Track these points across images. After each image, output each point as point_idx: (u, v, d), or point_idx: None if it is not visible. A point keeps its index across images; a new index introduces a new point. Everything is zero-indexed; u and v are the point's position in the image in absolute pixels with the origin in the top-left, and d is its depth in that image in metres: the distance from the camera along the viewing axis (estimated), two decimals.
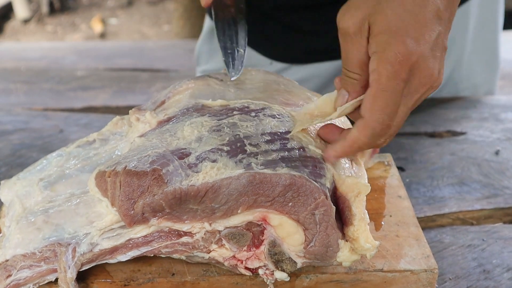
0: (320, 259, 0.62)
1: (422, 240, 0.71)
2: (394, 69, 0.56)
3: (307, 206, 0.60)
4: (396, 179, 0.83)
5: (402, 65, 0.56)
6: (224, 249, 0.64)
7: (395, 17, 0.57)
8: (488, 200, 0.89)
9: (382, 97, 0.57)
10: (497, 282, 0.73)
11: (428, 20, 0.58)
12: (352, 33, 0.59)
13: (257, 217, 0.62)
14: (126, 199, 0.60)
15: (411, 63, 0.56)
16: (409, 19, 0.57)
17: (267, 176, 0.59)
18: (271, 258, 0.63)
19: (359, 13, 0.58)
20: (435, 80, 0.58)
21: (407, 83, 0.57)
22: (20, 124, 1.16)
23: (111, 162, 0.64)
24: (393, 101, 0.57)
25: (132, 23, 4.33)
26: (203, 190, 0.59)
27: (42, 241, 0.64)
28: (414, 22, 0.57)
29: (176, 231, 0.63)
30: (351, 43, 0.59)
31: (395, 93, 0.57)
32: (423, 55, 0.56)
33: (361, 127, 0.59)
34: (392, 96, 0.57)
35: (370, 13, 0.58)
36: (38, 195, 0.68)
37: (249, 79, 0.79)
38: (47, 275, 0.64)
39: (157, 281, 0.66)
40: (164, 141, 0.64)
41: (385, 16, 0.57)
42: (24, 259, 0.64)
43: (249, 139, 0.63)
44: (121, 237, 0.64)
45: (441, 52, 0.59)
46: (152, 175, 0.59)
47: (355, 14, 0.59)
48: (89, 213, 0.65)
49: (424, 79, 0.58)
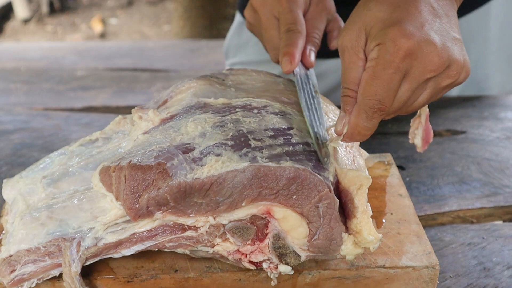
0: (324, 252, 0.62)
1: (423, 237, 0.71)
2: (390, 57, 0.56)
3: (311, 199, 0.61)
4: (396, 178, 0.84)
5: (398, 52, 0.56)
6: (228, 243, 0.64)
7: (387, 15, 0.58)
8: (488, 199, 0.89)
9: (374, 84, 0.57)
10: (497, 280, 0.73)
11: (421, 11, 0.58)
12: (350, 46, 0.60)
13: (261, 210, 0.62)
14: (131, 193, 0.61)
15: (409, 48, 0.56)
16: (402, 12, 0.58)
17: (272, 169, 0.60)
18: (275, 252, 0.63)
19: (355, 26, 0.60)
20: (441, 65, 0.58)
21: (408, 72, 0.57)
22: (20, 123, 1.17)
23: (115, 158, 0.64)
24: (385, 88, 0.57)
25: (132, 23, 4.33)
26: (208, 183, 0.60)
27: (46, 236, 0.64)
28: (408, 14, 0.58)
29: (180, 225, 0.64)
30: (349, 56, 0.60)
31: (388, 82, 0.57)
32: (424, 39, 0.56)
33: (356, 112, 0.60)
34: (385, 84, 0.57)
35: (364, 23, 0.59)
36: (42, 192, 0.69)
37: (249, 80, 0.80)
38: (51, 269, 0.64)
39: (161, 278, 0.66)
40: (168, 136, 0.65)
41: (377, 18, 0.58)
42: (28, 254, 0.64)
43: (252, 134, 0.64)
44: (125, 231, 0.64)
45: (452, 41, 0.59)
46: (157, 168, 0.60)
47: (351, 28, 0.60)
48: (93, 209, 0.65)
49: (430, 65, 0.57)
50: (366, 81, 0.58)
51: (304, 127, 0.67)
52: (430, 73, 0.58)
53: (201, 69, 1.69)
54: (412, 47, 0.56)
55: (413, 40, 0.56)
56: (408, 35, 0.56)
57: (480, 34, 1.13)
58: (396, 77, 0.57)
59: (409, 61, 0.57)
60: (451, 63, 0.59)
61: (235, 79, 0.80)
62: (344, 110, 0.61)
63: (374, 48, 0.58)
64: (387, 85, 0.57)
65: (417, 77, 0.58)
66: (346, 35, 0.60)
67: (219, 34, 3.07)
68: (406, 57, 0.56)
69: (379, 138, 1.06)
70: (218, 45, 1.90)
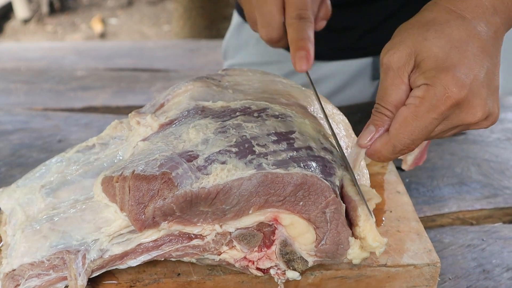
0: (331, 257, 0.62)
1: (423, 235, 0.71)
2: (437, 103, 0.56)
3: (318, 205, 0.60)
4: (394, 175, 0.84)
5: (447, 100, 0.55)
6: (235, 251, 0.64)
7: (443, 54, 0.57)
8: (488, 200, 0.89)
9: (413, 124, 0.57)
10: (497, 282, 0.73)
11: (476, 55, 0.57)
12: (396, 68, 0.59)
13: (268, 218, 0.62)
14: (136, 204, 0.60)
15: (459, 99, 0.56)
16: (458, 56, 0.57)
17: (279, 176, 0.60)
18: (283, 258, 0.63)
19: (405, 48, 0.59)
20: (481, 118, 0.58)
21: (447, 118, 0.57)
22: (20, 124, 1.16)
23: (117, 167, 0.64)
24: (422, 130, 0.57)
25: (132, 23, 4.33)
26: (214, 192, 0.59)
27: (49, 249, 0.63)
28: (463, 57, 0.57)
29: (186, 234, 0.63)
30: (393, 78, 0.59)
31: (427, 125, 0.57)
32: (472, 91, 0.56)
33: (384, 141, 0.59)
34: (424, 126, 0.57)
35: (417, 50, 0.58)
36: (41, 202, 0.68)
37: (246, 80, 0.79)
38: (57, 283, 0.63)
39: (163, 282, 0.66)
40: (169, 144, 0.64)
41: (432, 53, 0.57)
42: (32, 267, 0.62)
43: (256, 139, 0.63)
44: (131, 242, 0.63)
45: (495, 93, 0.59)
46: (162, 178, 0.59)
47: (401, 49, 0.59)
48: (96, 219, 0.64)
49: (467, 116, 0.57)
50: (406, 118, 0.57)
51: (305, 130, 0.67)
52: (468, 123, 0.58)
53: (201, 69, 1.69)
54: (461, 99, 0.56)
55: (464, 92, 0.56)
56: (460, 86, 0.56)
57: None
58: (437, 122, 0.57)
59: (453, 109, 0.57)
60: (489, 116, 0.59)
61: (232, 80, 0.79)
62: (374, 124, 0.60)
63: (422, 86, 0.57)
64: (425, 128, 0.57)
65: (454, 123, 0.58)
66: (395, 55, 0.59)
67: (219, 34, 3.07)
68: (453, 106, 0.56)
69: None
70: (218, 45, 1.90)
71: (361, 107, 1.17)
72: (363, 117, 1.12)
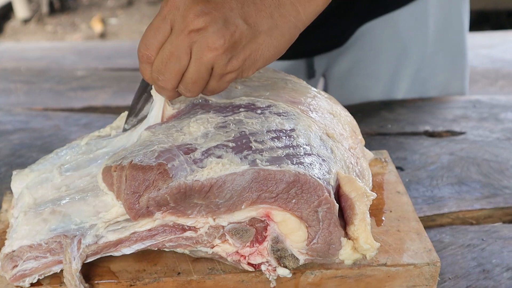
0: (323, 256, 0.62)
1: (423, 234, 0.71)
2: None
3: (310, 203, 0.61)
4: (394, 175, 0.84)
5: None
6: (227, 245, 0.64)
7: None
8: (488, 200, 0.89)
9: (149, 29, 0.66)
10: (497, 281, 0.73)
11: None
12: None
13: (260, 213, 0.62)
14: (131, 193, 0.61)
15: None
16: None
17: (271, 173, 0.60)
18: (274, 254, 0.63)
19: None
20: None
21: None
22: (20, 124, 1.17)
23: (117, 157, 0.65)
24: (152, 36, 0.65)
25: (132, 23, 4.33)
26: (208, 185, 0.60)
27: (48, 233, 0.65)
28: None
29: (180, 226, 0.64)
30: None
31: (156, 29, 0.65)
32: None
33: None
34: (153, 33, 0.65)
35: None
36: (57, 178, 0.69)
37: (257, 77, 0.80)
38: (52, 266, 0.65)
39: (163, 281, 0.66)
40: (170, 136, 0.65)
41: None
42: (31, 250, 0.64)
43: (254, 135, 0.64)
44: (125, 230, 0.64)
45: None
46: (158, 169, 0.60)
47: None
48: (96, 203, 0.65)
49: None
50: None
51: (306, 129, 0.67)
52: None
53: None
54: None
55: None
56: None
57: (419, 34, 1.14)
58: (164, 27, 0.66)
59: None
60: None
61: None
62: None
63: None
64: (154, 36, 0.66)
65: None
66: None
67: None
68: None
69: (379, 138, 1.06)
70: None
71: (361, 107, 1.17)
72: (363, 117, 1.12)
